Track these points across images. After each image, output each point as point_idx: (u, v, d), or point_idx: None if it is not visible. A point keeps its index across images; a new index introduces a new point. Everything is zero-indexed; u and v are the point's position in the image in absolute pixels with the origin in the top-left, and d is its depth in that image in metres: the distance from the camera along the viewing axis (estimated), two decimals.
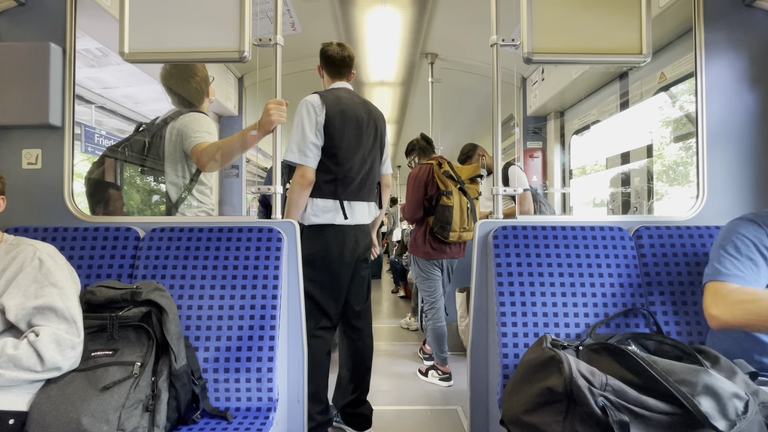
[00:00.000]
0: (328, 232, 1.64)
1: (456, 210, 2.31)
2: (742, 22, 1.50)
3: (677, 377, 0.81)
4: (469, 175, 2.43)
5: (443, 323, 2.51)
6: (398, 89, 3.95)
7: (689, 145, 2.54)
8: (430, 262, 2.49)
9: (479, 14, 2.60)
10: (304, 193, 1.59)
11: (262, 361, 1.21)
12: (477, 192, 2.47)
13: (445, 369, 2.50)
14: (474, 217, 2.37)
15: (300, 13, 2.62)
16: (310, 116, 1.61)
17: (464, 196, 2.35)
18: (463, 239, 2.37)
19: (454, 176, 2.37)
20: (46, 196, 1.48)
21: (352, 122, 1.69)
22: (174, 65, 1.70)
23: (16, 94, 1.44)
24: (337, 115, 1.64)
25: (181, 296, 1.26)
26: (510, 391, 1.01)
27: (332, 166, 1.64)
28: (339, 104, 1.66)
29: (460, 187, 2.36)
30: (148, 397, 0.98)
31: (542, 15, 1.36)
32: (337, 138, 1.64)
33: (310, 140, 1.60)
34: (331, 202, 1.64)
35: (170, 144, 1.63)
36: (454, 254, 2.48)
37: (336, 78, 1.81)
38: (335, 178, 1.65)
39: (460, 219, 2.32)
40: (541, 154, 3.60)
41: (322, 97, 1.65)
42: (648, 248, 1.34)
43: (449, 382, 2.47)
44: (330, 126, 1.62)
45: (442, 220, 2.32)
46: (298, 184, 1.59)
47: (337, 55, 1.77)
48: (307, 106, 1.63)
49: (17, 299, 0.96)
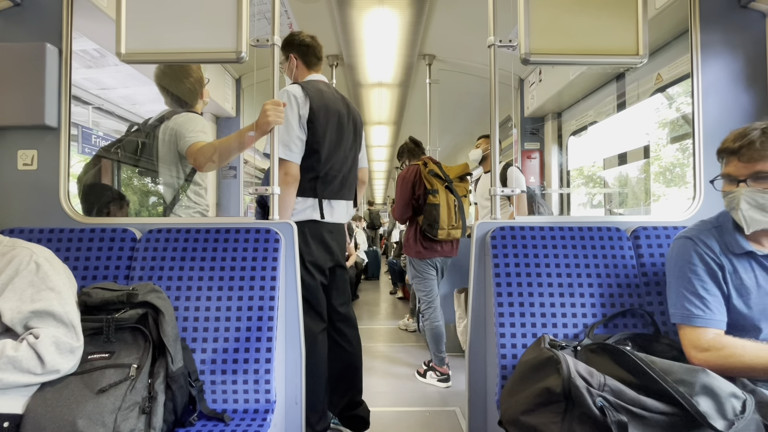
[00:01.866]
0: (306, 229, 1.58)
1: (443, 208, 2.35)
2: (738, 24, 1.51)
3: (675, 377, 0.81)
4: (457, 173, 2.46)
5: (441, 323, 2.52)
6: (396, 90, 3.96)
7: (686, 147, 2.55)
8: (424, 261, 2.51)
9: (476, 15, 2.60)
10: (290, 190, 1.53)
11: (260, 363, 1.20)
12: (465, 190, 2.50)
13: (443, 370, 2.50)
14: (462, 214, 2.40)
15: (297, 14, 2.64)
16: (293, 108, 1.54)
17: (451, 193, 2.39)
18: (452, 237, 2.40)
19: (441, 175, 2.40)
20: (42, 197, 1.47)
21: (334, 118, 1.64)
22: (168, 65, 1.70)
23: (12, 95, 1.43)
24: (321, 110, 1.59)
25: (177, 298, 1.26)
26: (508, 391, 1.01)
27: (314, 163, 1.59)
28: (322, 98, 1.61)
29: (447, 185, 2.39)
30: (144, 399, 0.97)
31: (539, 16, 1.37)
32: (320, 134, 1.58)
33: (296, 134, 1.54)
34: (310, 200, 1.60)
35: (164, 144, 1.62)
36: (446, 253, 2.50)
37: (313, 69, 1.73)
38: (317, 176, 1.60)
39: (447, 217, 2.36)
40: (539, 155, 3.61)
41: (304, 89, 1.58)
42: (645, 248, 1.34)
43: (448, 383, 2.47)
44: (314, 121, 1.57)
45: (430, 218, 2.36)
46: (283, 182, 1.51)
47: (312, 42, 1.70)
48: (289, 96, 1.54)
49: (13, 303, 0.95)
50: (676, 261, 1.12)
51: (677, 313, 1.08)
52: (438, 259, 2.54)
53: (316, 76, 1.72)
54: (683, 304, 1.07)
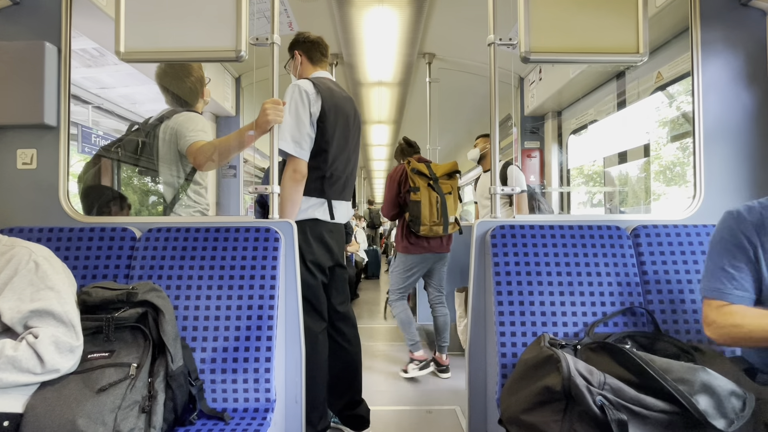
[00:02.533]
0: (307, 228, 1.58)
1: (424, 205, 2.39)
2: (738, 21, 1.50)
3: (675, 375, 0.81)
4: (445, 171, 2.49)
5: (407, 309, 2.60)
6: (396, 89, 3.95)
7: (686, 145, 2.55)
8: (410, 257, 2.55)
9: (476, 14, 2.60)
10: (298, 188, 1.51)
11: (260, 362, 1.20)
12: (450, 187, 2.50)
13: (420, 356, 2.55)
14: (444, 211, 2.42)
15: (297, 13, 2.63)
16: (304, 104, 1.52)
17: (433, 191, 2.42)
18: (434, 233, 2.43)
19: (427, 173, 2.44)
20: (41, 197, 1.47)
21: (343, 119, 1.64)
22: (169, 64, 1.69)
23: (11, 94, 1.43)
24: (331, 109, 1.58)
25: (177, 297, 1.26)
26: (508, 390, 1.01)
27: (321, 162, 1.58)
28: (333, 97, 1.60)
29: (429, 183, 2.42)
30: (144, 399, 0.97)
31: (539, 14, 1.36)
32: (330, 134, 1.58)
33: (307, 131, 1.53)
34: (313, 200, 1.59)
35: (164, 143, 1.62)
36: (433, 249, 2.53)
37: (317, 65, 1.71)
38: (323, 176, 1.59)
39: (429, 213, 2.39)
40: (539, 154, 3.61)
41: (316, 85, 1.56)
42: (646, 247, 1.34)
43: (429, 368, 2.51)
44: (325, 120, 1.56)
45: (412, 214, 2.42)
46: (291, 179, 1.50)
47: (317, 39, 1.69)
48: (301, 92, 1.52)
49: (12, 302, 0.95)
50: (714, 234, 1.10)
51: (701, 287, 1.07)
52: (429, 258, 2.56)
53: (322, 73, 1.71)
54: (707, 277, 1.06)
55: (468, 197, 6.31)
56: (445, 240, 2.57)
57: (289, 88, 1.54)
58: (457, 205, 2.49)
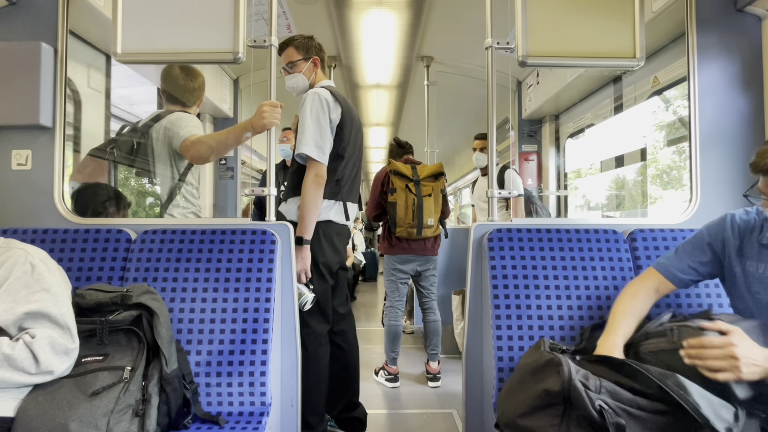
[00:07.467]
0: (320, 230, 1.58)
1: (400, 206, 2.39)
2: (734, 27, 1.51)
3: (673, 380, 0.81)
4: (430, 172, 2.47)
5: (399, 323, 2.56)
6: (394, 92, 3.96)
7: (682, 149, 2.56)
8: (394, 259, 2.53)
9: (474, 18, 2.61)
10: (320, 191, 1.53)
11: (255, 365, 1.19)
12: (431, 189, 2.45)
13: (393, 369, 2.54)
14: (419, 213, 2.38)
15: (295, 15, 2.63)
16: (325, 111, 1.55)
17: (411, 193, 2.40)
18: (411, 235, 2.41)
19: (409, 174, 2.42)
20: (36, 198, 1.46)
21: (355, 125, 1.69)
22: (177, 66, 1.69)
23: (7, 94, 1.42)
24: (348, 116, 1.62)
25: (172, 299, 1.24)
26: (506, 394, 1.01)
27: (337, 167, 1.61)
28: (347, 105, 1.65)
29: (407, 185, 2.41)
30: (138, 402, 0.96)
31: (537, 18, 1.37)
32: (347, 140, 1.62)
33: (329, 138, 1.56)
34: (326, 202, 1.60)
35: (158, 143, 1.62)
36: (416, 251, 2.49)
37: (325, 74, 1.76)
38: (338, 179, 1.62)
39: (405, 215, 2.39)
40: (536, 157, 3.62)
41: (333, 93, 1.60)
42: (642, 251, 1.34)
43: (395, 383, 2.50)
44: (343, 127, 1.60)
45: (390, 216, 2.43)
46: (314, 183, 1.51)
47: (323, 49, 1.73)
48: (321, 100, 1.55)
49: (6, 303, 0.94)
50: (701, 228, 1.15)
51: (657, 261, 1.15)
52: (412, 259, 2.51)
53: (328, 82, 1.75)
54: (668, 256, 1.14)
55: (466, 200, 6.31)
56: (430, 243, 2.52)
57: (309, 95, 1.55)
58: (439, 207, 2.44)
